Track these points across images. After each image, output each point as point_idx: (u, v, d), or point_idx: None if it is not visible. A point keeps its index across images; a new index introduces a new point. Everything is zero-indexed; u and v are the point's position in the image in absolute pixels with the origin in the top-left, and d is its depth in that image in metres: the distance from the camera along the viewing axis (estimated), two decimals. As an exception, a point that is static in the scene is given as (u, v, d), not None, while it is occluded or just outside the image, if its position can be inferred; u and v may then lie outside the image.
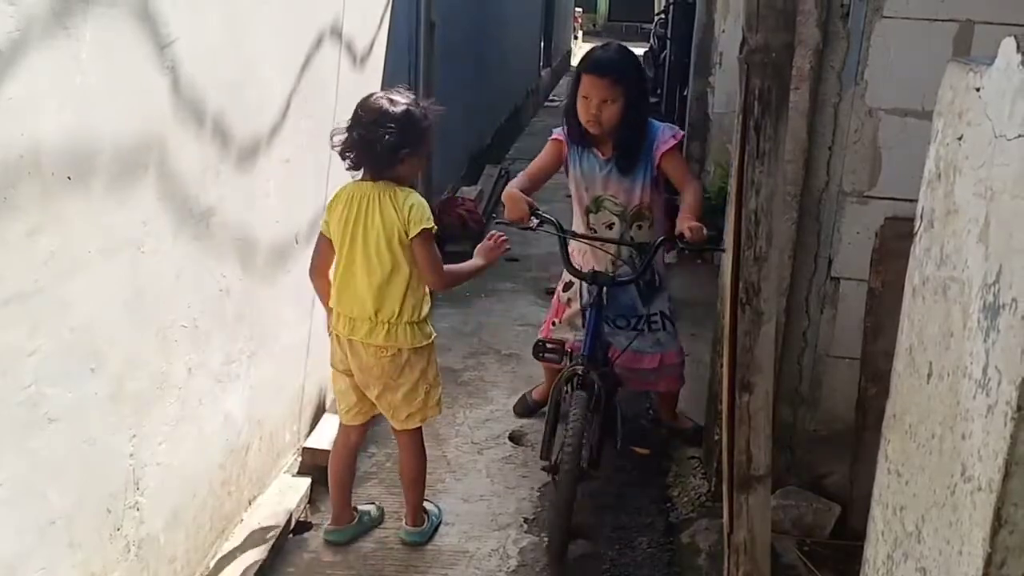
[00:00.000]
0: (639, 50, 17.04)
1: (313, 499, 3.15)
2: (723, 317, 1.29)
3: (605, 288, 3.08)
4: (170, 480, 2.48)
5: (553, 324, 3.60)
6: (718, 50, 5.71)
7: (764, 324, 1.24)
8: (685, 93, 6.69)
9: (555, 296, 3.64)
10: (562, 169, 3.42)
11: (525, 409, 3.91)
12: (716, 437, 3.22)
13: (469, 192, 6.62)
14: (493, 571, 2.89)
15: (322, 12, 3.52)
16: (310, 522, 3.08)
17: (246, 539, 2.86)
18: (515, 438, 3.73)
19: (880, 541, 1.50)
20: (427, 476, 3.37)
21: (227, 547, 2.84)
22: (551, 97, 13.21)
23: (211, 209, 2.62)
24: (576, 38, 18.68)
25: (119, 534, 2.26)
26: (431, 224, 2.72)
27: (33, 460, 1.90)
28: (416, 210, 2.69)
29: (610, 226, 3.34)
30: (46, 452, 1.94)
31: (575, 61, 17.26)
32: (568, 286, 3.55)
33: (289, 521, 2.99)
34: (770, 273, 1.22)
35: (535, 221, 3.13)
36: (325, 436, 3.42)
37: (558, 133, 3.37)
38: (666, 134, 3.24)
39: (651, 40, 13.85)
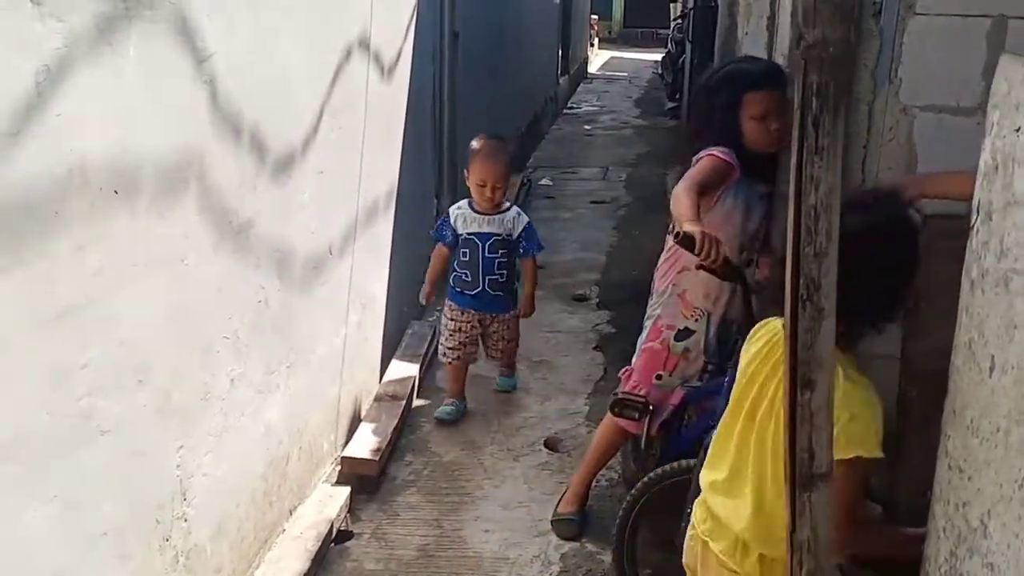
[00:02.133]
0: (656, 56, 17.08)
1: (353, 508, 3.16)
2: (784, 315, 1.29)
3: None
4: (215, 490, 2.50)
5: (658, 378, 2.92)
6: (741, 52, 5.69)
7: (825, 320, 1.23)
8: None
9: (657, 344, 2.94)
10: None
11: (573, 530, 3.13)
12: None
13: (493, 200, 6.63)
14: (535, 578, 2.89)
15: (351, 24, 3.55)
16: (351, 531, 3.09)
17: (289, 549, 2.87)
18: (551, 445, 3.73)
19: (942, 538, 1.48)
20: (464, 483, 3.39)
21: (270, 557, 2.86)
22: (570, 104, 13.23)
23: (249, 221, 2.64)
24: (592, 45, 18.70)
25: (168, 544, 2.27)
26: (870, 451, 1.76)
27: (85, 472, 1.92)
28: (857, 424, 1.73)
29: (748, 262, 2.92)
30: (98, 464, 1.96)
31: (592, 68, 17.32)
32: (684, 335, 2.91)
33: (330, 530, 3.00)
34: (830, 269, 1.22)
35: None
36: (363, 445, 3.43)
37: (727, 153, 2.77)
38: None
39: (669, 45, 13.87)
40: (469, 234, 3.86)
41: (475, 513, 3.23)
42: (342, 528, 3.08)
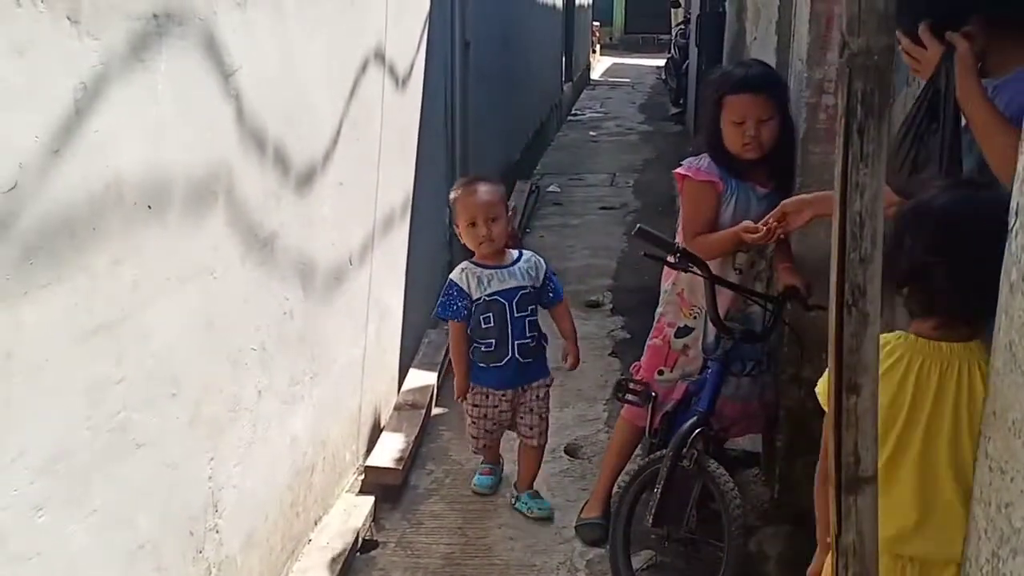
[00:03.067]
0: (657, 61, 17.12)
1: (377, 517, 3.17)
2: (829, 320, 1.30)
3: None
4: (245, 502, 2.51)
5: (659, 373, 3.06)
6: (749, 56, 5.71)
7: (870, 326, 1.24)
8: (716, 101, 6.68)
9: (659, 340, 3.09)
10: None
11: (597, 534, 3.12)
12: (777, 443, 3.22)
13: (503, 208, 6.65)
14: (562, 585, 2.90)
15: (367, 36, 3.58)
16: (376, 540, 3.10)
17: (316, 559, 2.88)
18: (571, 451, 3.74)
19: (983, 539, 1.49)
20: (487, 492, 3.40)
21: (297, 567, 2.87)
22: (574, 111, 13.26)
23: (274, 234, 2.66)
24: (595, 52, 18.75)
25: (201, 557, 2.29)
26: None
27: (122, 486, 1.94)
28: None
29: (752, 263, 3.00)
30: (134, 477, 1.98)
31: (595, 74, 17.37)
32: (684, 332, 3.04)
33: (356, 540, 3.02)
34: (875, 275, 1.23)
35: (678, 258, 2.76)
36: (386, 454, 3.44)
37: (697, 171, 2.90)
38: None
39: (672, 50, 13.90)
40: (491, 295, 3.15)
41: (499, 521, 3.24)
42: (367, 537, 3.09)
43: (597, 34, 19.46)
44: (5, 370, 1.56)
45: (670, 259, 2.77)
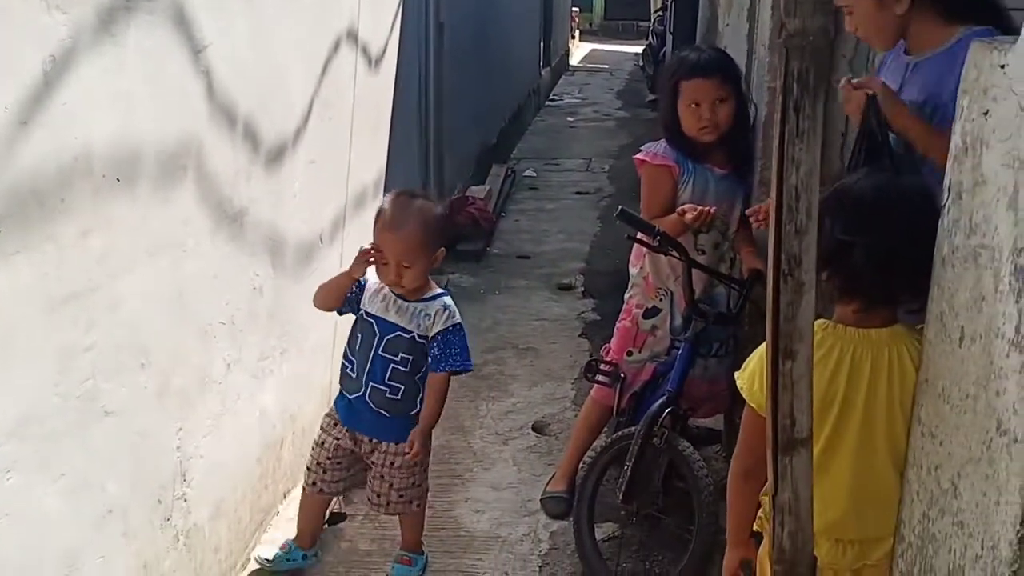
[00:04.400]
0: (636, 48, 17.16)
1: (345, 491, 3.22)
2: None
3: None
4: (213, 473, 2.56)
5: (628, 354, 3.10)
6: (722, 43, 5.77)
7: (805, 294, 1.31)
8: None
9: (627, 321, 3.13)
10: None
11: (561, 508, 3.16)
12: (737, 421, 3.29)
13: (478, 191, 6.69)
14: (526, 555, 2.96)
15: (339, 16, 3.60)
16: (344, 513, 3.15)
17: (284, 531, 2.93)
18: (538, 428, 3.80)
19: (915, 501, 1.57)
20: (454, 466, 3.46)
21: (266, 538, 2.92)
22: (552, 97, 13.28)
23: (244, 210, 2.70)
24: (573, 38, 18.75)
25: (169, 524, 2.33)
26: None
27: (91, 452, 1.98)
28: None
29: (716, 245, 3.05)
30: (103, 444, 2.02)
31: (574, 60, 17.39)
32: (652, 313, 3.08)
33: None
34: (810, 245, 1.29)
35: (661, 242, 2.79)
36: (354, 430, 3.48)
37: (654, 156, 3.01)
38: None
39: (650, 37, 13.94)
40: (369, 315, 2.64)
41: (465, 494, 3.30)
42: (335, 510, 3.13)
43: (576, 20, 19.45)
44: (-26, 334, 1.60)
45: (650, 241, 2.83)
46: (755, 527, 1.90)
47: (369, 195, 4.10)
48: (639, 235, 2.86)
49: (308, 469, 2.77)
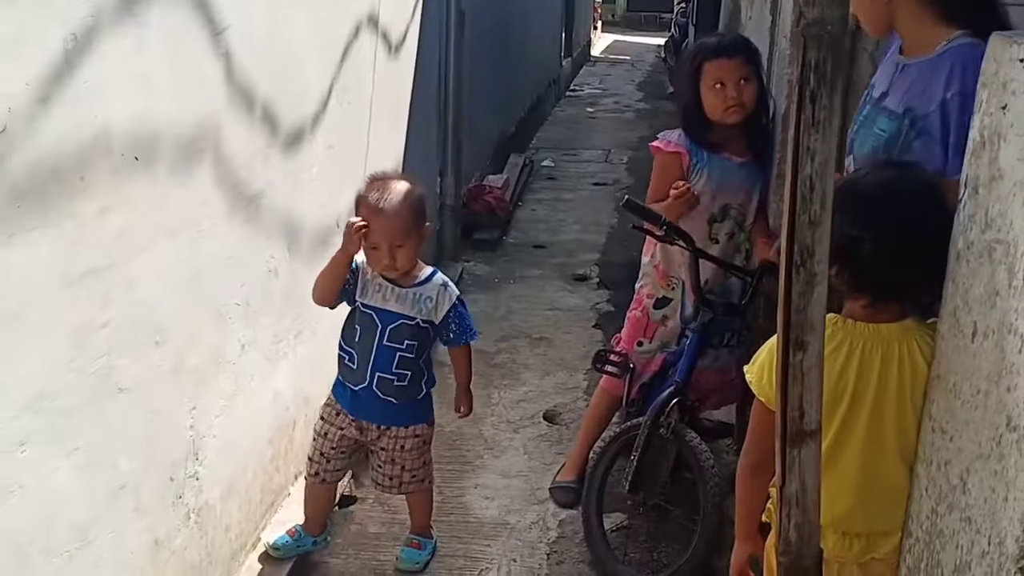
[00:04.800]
0: (658, 40, 17.08)
1: (356, 475, 3.23)
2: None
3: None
4: (225, 452, 2.58)
5: (639, 344, 3.11)
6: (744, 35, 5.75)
7: (817, 285, 1.30)
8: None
9: (638, 311, 3.15)
10: None
11: (570, 497, 3.18)
12: (748, 415, 3.29)
13: (496, 180, 6.69)
14: (534, 542, 2.98)
15: (360, 2, 3.60)
16: (354, 496, 3.17)
17: (295, 512, 2.95)
18: (549, 417, 3.81)
19: (924, 497, 1.56)
20: (465, 452, 3.48)
21: (276, 519, 2.94)
22: (572, 87, 13.25)
23: (261, 192, 2.71)
24: (596, 28, 18.68)
25: (180, 502, 2.35)
26: None
27: (105, 428, 2.00)
28: None
29: (731, 235, 3.05)
30: (116, 421, 2.04)
31: (595, 51, 17.33)
32: (663, 302, 3.10)
33: (335, 495, 3.08)
34: (823, 236, 1.29)
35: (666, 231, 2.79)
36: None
37: (667, 143, 3.02)
38: None
39: (672, 29, 13.88)
40: (367, 306, 2.63)
41: (475, 481, 3.32)
42: (346, 493, 3.16)
43: (599, 11, 19.38)
44: (-9, 308, 1.61)
45: (656, 231, 2.83)
46: (764, 518, 1.90)
47: (386, 181, 4.10)
48: (645, 225, 2.85)
49: (310, 460, 2.77)
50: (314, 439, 2.77)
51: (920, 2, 1.96)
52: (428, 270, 2.69)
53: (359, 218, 2.55)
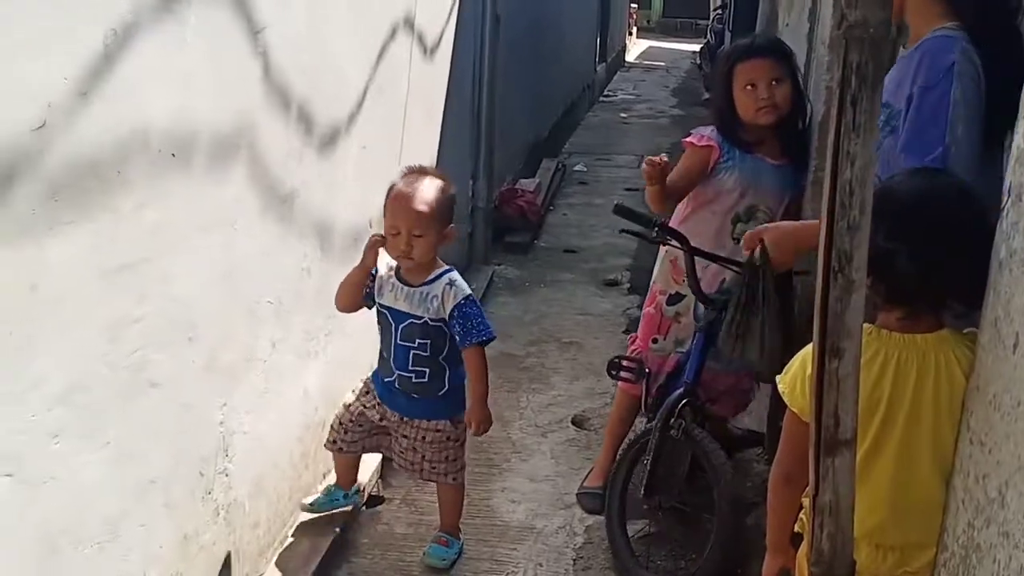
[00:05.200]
0: (693, 46, 17.02)
1: (384, 475, 3.24)
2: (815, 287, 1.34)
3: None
4: (255, 450, 2.59)
5: (654, 341, 3.11)
6: (781, 43, 5.71)
7: (855, 292, 1.28)
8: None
9: (652, 308, 3.16)
10: None
11: (597, 503, 3.14)
12: (780, 424, 3.25)
13: (528, 184, 6.69)
14: (561, 547, 2.96)
15: (397, 4, 3.62)
16: (382, 496, 3.17)
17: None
18: (578, 422, 3.80)
19: (961, 510, 1.53)
20: (492, 455, 3.47)
21: (304, 517, 2.95)
22: (606, 92, 13.23)
23: (295, 191, 2.72)
24: (631, 34, 18.65)
25: (210, 498, 2.36)
26: None
27: (137, 422, 2.01)
28: None
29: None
30: (148, 415, 2.05)
31: (630, 57, 17.29)
32: (675, 299, 3.10)
33: (362, 494, 3.09)
34: (862, 242, 1.27)
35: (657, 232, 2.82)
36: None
37: (702, 137, 3.00)
38: None
39: (708, 35, 13.81)
40: (383, 306, 2.70)
41: (503, 484, 3.31)
42: (374, 493, 3.16)
43: (634, 16, 19.34)
44: (29, 301, 1.63)
45: (648, 234, 2.84)
46: (796, 528, 1.87)
47: (419, 183, 4.11)
48: (635, 229, 2.87)
49: (331, 428, 2.89)
50: (343, 409, 2.87)
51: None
52: (441, 269, 2.69)
53: (380, 234, 2.63)
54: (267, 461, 2.70)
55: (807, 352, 1.75)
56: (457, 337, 2.66)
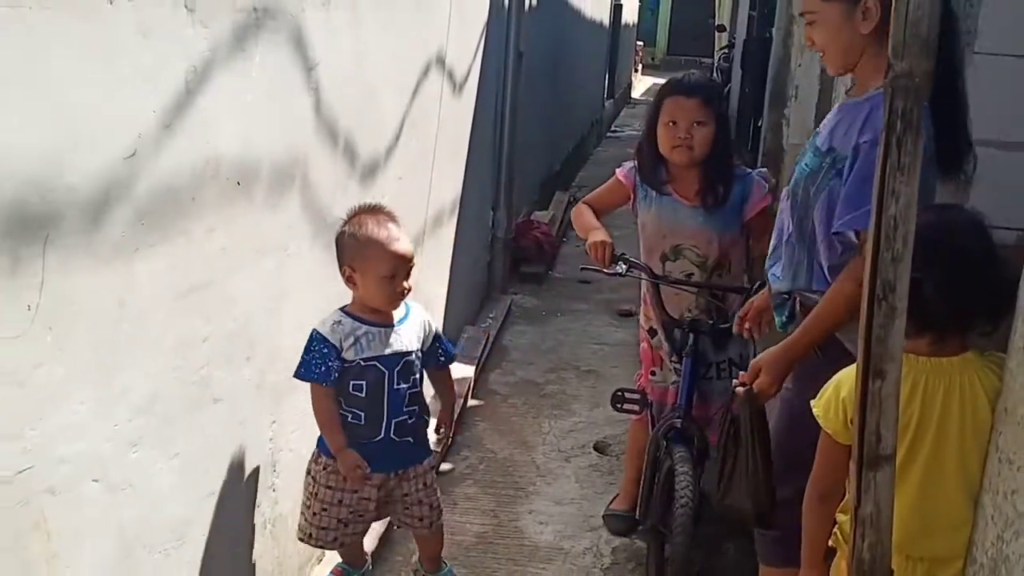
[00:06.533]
0: (699, 84, 17.28)
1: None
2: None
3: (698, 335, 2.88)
4: (298, 467, 2.68)
5: (652, 374, 3.14)
6: (793, 83, 5.86)
7: (898, 318, 1.39)
8: (759, 124, 6.84)
9: (644, 344, 3.19)
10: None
11: (623, 526, 3.24)
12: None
13: (542, 216, 6.84)
14: (588, 567, 3.05)
15: (431, 42, 3.77)
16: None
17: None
18: (600, 448, 3.89)
19: (990, 525, 1.63)
20: (518, 479, 3.56)
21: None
22: (613, 128, 13.43)
23: (340, 220, 2.84)
24: (636, 71, 18.92)
25: (258, 511, 2.46)
26: None
27: (201, 435, 2.12)
28: None
29: (688, 276, 2.97)
30: (211, 429, 2.16)
31: (635, 93, 17.53)
32: (652, 333, 3.12)
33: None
34: (904, 272, 1.38)
35: (623, 267, 2.90)
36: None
37: (624, 173, 3.08)
38: (760, 190, 2.94)
39: (714, 73, 14.02)
40: (368, 360, 2.48)
41: (529, 507, 3.40)
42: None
43: (640, 54, 19.62)
44: (118, 316, 1.74)
45: (606, 270, 2.89)
46: (830, 543, 1.97)
47: (446, 213, 4.24)
48: (592, 266, 2.95)
49: (324, 529, 2.54)
50: (325, 509, 2.53)
51: (885, 40, 2.04)
52: (404, 306, 2.60)
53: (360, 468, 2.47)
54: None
55: (839, 378, 1.88)
56: (443, 359, 2.70)
